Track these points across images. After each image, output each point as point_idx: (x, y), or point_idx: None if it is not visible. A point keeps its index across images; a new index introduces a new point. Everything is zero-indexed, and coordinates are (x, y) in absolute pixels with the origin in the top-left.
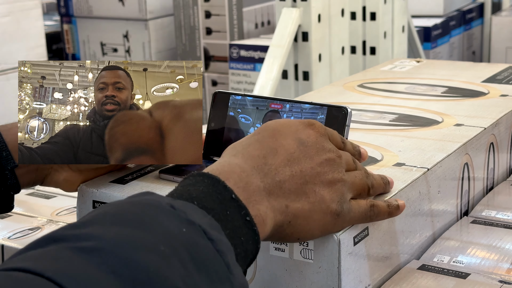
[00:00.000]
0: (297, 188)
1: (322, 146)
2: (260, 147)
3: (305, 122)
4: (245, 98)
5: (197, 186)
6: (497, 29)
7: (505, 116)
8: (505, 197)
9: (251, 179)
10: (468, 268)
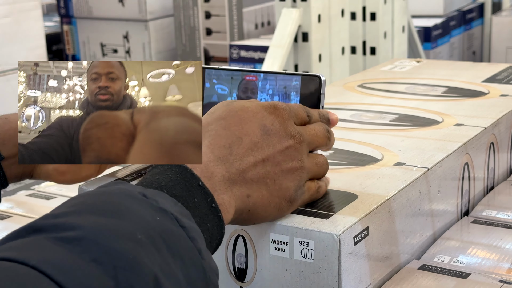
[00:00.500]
0: (258, 177)
1: (285, 132)
2: (226, 136)
3: (270, 107)
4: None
5: (166, 174)
6: (497, 29)
7: (505, 116)
8: (506, 197)
9: (217, 169)
10: (468, 268)
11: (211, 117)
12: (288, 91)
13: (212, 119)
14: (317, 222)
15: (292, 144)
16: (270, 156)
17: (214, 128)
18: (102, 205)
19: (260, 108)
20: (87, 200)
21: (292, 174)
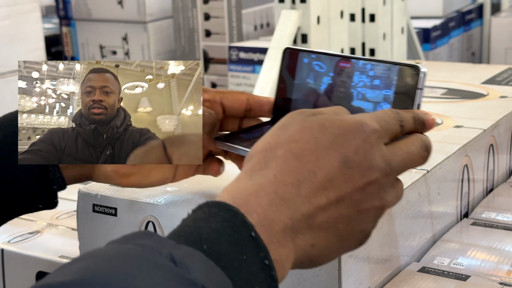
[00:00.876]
0: (329, 222)
1: (370, 164)
2: (296, 169)
3: (356, 127)
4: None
5: (210, 221)
6: (496, 30)
7: (505, 118)
8: (505, 199)
9: (278, 216)
10: (468, 270)
11: (281, 135)
12: (382, 81)
13: (282, 139)
14: None
15: (376, 178)
16: (346, 195)
17: (283, 154)
18: (112, 276)
19: (343, 128)
20: (95, 267)
21: (370, 214)
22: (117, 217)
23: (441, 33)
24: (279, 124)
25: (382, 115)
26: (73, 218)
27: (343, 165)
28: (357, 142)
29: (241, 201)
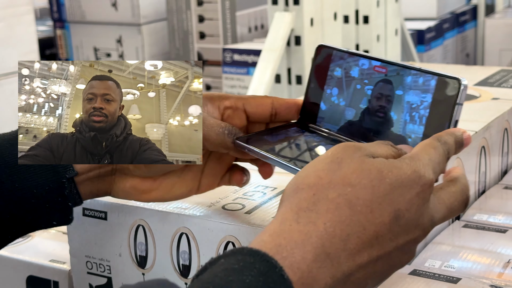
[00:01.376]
0: (362, 279)
1: (417, 222)
2: (348, 221)
3: (411, 179)
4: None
5: (244, 275)
6: (490, 31)
7: (497, 120)
8: (497, 201)
9: (321, 275)
10: (459, 272)
11: (335, 173)
12: (420, 94)
13: (337, 178)
14: None
15: (417, 237)
16: (387, 253)
17: (336, 198)
18: None
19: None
20: None
21: (395, 268)
22: (107, 221)
23: (435, 34)
24: (332, 157)
25: (435, 155)
26: None
27: (393, 222)
28: (411, 197)
29: (285, 253)
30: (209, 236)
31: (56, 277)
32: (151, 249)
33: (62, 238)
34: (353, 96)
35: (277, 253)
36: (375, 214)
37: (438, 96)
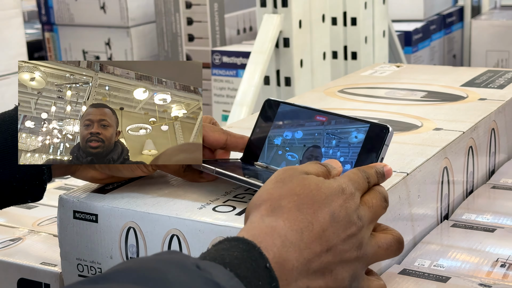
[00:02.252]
0: (320, 268)
1: (349, 219)
2: (299, 218)
3: (338, 191)
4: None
5: (231, 250)
6: (476, 32)
7: (484, 120)
8: (485, 200)
9: (289, 257)
10: (448, 271)
11: (282, 188)
12: (353, 136)
13: (284, 191)
14: None
15: (354, 231)
16: (334, 245)
17: (287, 204)
18: (147, 272)
19: (331, 190)
20: (133, 266)
21: (349, 263)
22: (98, 224)
23: (422, 36)
24: (277, 178)
25: (354, 177)
26: (55, 224)
27: (332, 220)
28: (340, 202)
29: (260, 239)
30: (200, 237)
31: (47, 279)
32: (142, 251)
33: (53, 241)
34: (295, 141)
35: (254, 240)
36: (318, 214)
37: (369, 139)
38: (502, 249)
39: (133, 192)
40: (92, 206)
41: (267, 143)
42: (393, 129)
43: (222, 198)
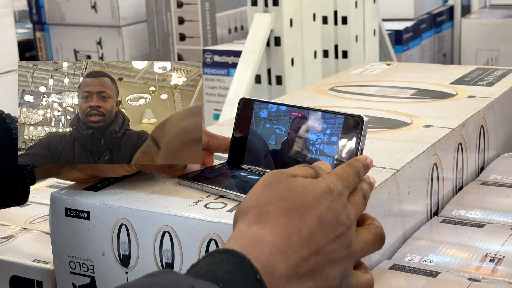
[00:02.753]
0: (309, 270)
1: (337, 220)
2: (287, 224)
3: (326, 191)
4: (273, 107)
5: (222, 264)
6: (466, 31)
7: (473, 117)
8: (474, 197)
9: (277, 264)
10: (438, 267)
11: (269, 193)
12: (332, 131)
13: (271, 197)
14: None
15: (342, 231)
16: (322, 247)
17: (274, 210)
18: None
19: (318, 191)
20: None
21: (338, 263)
22: (90, 221)
23: (412, 34)
24: (264, 183)
25: (343, 174)
26: (47, 222)
27: (319, 222)
28: (328, 204)
29: (248, 249)
30: (191, 234)
31: (40, 277)
32: (134, 248)
33: (45, 238)
34: (275, 138)
35: (243, 251)
36: (305, 217)
37: (346, 130)
38: (491, 244)
39: (125, 189)
40: (84, 203)
41: (248, 143)
42: (368, 119)
43: (213, 195)
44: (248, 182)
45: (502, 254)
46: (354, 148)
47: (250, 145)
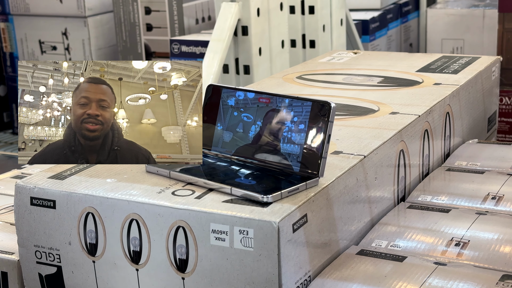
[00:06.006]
0: None
1: None
2: None
3: None
4: (240, 95)
5: None
6: (432, 21)
7: (439, 104)
8: (440, 182)
9: None
10: (405, 251)
11: None
12: (299, 118)
13: None
14: (256, 210)
15: None
16: None
17: None
18: None
19: None
20: None
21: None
22: (55, 210)
23: (379, 24)
24: None
25: None
26: (12, 213)
27: None
28: None
29: None
30: (159, 221)
31: (5, 268)
32: (101, 236)
33: (9, 229)
34: (243, 124)
35: None
36: None
37: (313, 117)
38: (457, 229)
39: (91, 177)
40: (50, 192)
41: (216, 130)
42: (335, 105)
43: (181, 182)
44: (215, 169)
45: (467, 238)
46: (322, 134)
47: (218, 133)
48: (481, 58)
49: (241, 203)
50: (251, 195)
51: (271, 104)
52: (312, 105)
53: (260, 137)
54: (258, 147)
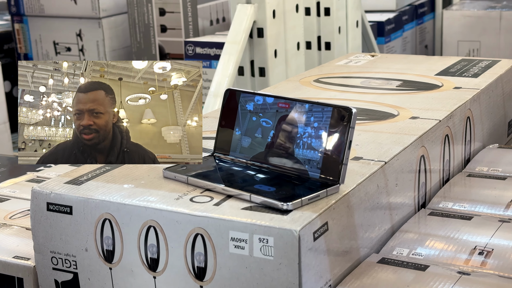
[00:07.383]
0: None
1: None
2: None
3: None
4: (259, 100)
5: None
6: (448, 22)
7: (459, 108)
8: (461, 188)
9: None
10: (427, 260)
11: None
12: (319, 124)
13: None
14: (276, 218)
15: None
16: None
17: None
18: None
19: None
20: None
21: None
22: (72, 216)
23: (394, 26)
24: None
25: None
26: (27, 217)
27: None
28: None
29: None
30: (177, 228)
31: (20, 273)
32: (118, 243)
33: (25, 234)
34: (262, 129)
35: None
36: None
37: (334, 123)
38: (480, 237)
39: (108, 183)
40: (66, 197)
41: (234, 135)
42: (356, 111)
43: (199, 188)
44: (234, 175)
45: (491, 247)
46: (343, 140)
47: (236, 138)
48: (501, 62)
49: (261, 210)
50: (271, 203)
51: (290, 109)
52: (333, 111)
53: (279, 142)
54: (277, 153)
